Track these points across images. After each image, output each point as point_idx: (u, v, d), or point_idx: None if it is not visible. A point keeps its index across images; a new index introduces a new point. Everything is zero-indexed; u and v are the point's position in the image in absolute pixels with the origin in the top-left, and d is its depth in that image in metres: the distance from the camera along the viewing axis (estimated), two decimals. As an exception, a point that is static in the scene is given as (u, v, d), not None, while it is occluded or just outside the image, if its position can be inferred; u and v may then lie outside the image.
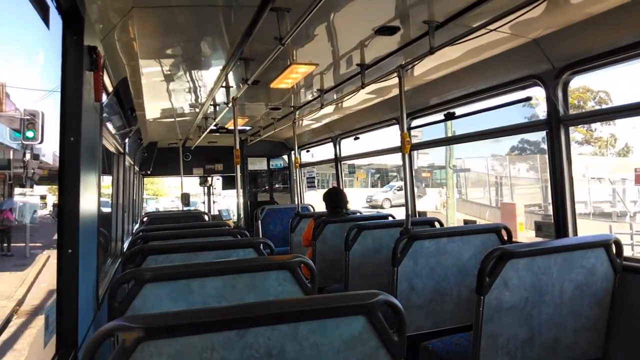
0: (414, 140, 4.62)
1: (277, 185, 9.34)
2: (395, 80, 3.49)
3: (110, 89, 3.36)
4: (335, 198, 4.81)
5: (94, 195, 2.45)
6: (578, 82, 18.84)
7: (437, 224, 3.97)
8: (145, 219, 6.47)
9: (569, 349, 2.45)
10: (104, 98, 2.80)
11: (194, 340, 1.31)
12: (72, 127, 1.99)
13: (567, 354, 2.45)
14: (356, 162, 25.96)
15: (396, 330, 1.45)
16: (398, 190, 25.49)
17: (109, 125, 4.08)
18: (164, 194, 36.48)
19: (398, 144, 3.60)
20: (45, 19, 1.66)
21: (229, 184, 10.17)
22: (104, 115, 3.02)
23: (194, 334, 1.31)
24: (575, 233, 3.10)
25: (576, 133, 19.65)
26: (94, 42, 2.29)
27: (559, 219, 3.11)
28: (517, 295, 2.27)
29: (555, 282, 2.36)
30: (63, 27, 1.98)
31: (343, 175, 7.33)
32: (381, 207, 25.02)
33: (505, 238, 3.32)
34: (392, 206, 24.74)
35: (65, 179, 1.98)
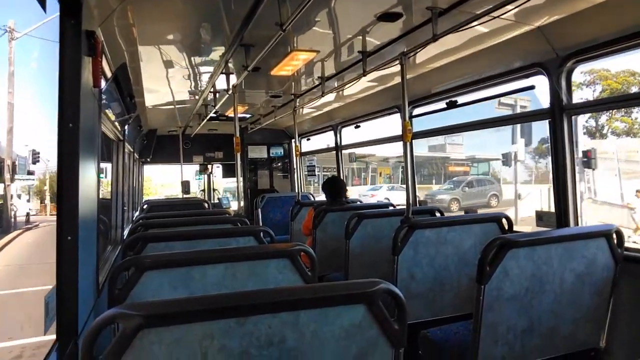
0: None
1: (277, 165, 9.30)
2: (397, 68, 3.45)
3: (109, 75, 3.33)
4: (334, 187, 4.80)
5: (93, 181, 2.44)
6: (621, 65, 15.66)
7: (437, 213, 3.96)
8: (145, 206, 6.47)
9: (569, 338, 2.45)
10: (103, 84, 2.78)
11: (194, 328, 1.31)
12: (70, 113, 1.97)
13: (566, 344, 2.46)
14: (381, 154, 24.33)
15: (397, 319, 1.45)
16: (467, 187, 20.36)
17: (108, 112, 4.05)
18: (151, 192, 28.59)
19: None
20: (42, 2, 1.62)
21: (229, 172, 10.17)
22: (103, 101, 3.00)
23: (194, 322, 1.31)
24: (576, 223, 3.10)
25: (618, 122, 16.86)
26: (92, 27, 2.26)
27: (560, 208, 3.11)
28: (517, 284, 2.27)
29: (556, 271, 2.35)
30: (60, 11, 1.94)
31: (343, 164, 7.31)
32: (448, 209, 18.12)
33: (506, 227, 3.32)
34: (460, 208, 19.06)
35: (64, 165, 1.96)
